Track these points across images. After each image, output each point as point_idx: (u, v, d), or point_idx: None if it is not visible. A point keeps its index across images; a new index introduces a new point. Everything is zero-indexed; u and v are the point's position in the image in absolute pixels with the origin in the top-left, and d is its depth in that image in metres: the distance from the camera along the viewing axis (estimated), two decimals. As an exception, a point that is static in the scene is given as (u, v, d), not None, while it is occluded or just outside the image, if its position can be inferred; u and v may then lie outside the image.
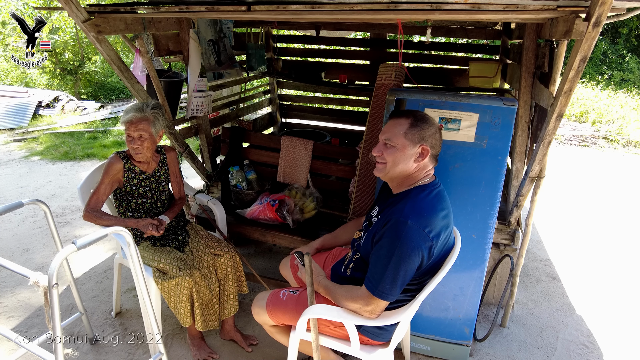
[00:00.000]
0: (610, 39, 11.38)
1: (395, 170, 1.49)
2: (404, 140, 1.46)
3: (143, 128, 1.95)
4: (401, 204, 1.46)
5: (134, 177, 2.07)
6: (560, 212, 4.11)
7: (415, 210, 1.41)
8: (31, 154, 5.57)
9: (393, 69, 2.35)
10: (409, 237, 1.37)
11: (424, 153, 1.48)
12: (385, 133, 1.51)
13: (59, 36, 9.08)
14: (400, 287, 1.43)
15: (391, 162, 1.48)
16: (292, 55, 4.11)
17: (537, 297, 2.71)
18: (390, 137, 1.48)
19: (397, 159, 1.47)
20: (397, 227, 1.39)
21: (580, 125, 7.58)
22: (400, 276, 1.39)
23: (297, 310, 1.62)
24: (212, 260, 2.12)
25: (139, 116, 1.95)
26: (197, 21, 2.72)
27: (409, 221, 1.38)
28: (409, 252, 1.38)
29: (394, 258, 1.38)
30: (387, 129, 1.52)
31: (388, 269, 1.39)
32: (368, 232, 1.56)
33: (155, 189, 2.15)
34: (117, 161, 2.02)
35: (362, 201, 2.40)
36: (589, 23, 1.39)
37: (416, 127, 1.47)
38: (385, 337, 1.60)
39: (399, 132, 1.47)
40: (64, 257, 1.30)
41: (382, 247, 1.42)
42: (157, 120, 2.00)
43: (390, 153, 1.48)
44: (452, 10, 1.54)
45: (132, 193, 2.08)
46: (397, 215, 1.41)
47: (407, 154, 1.46)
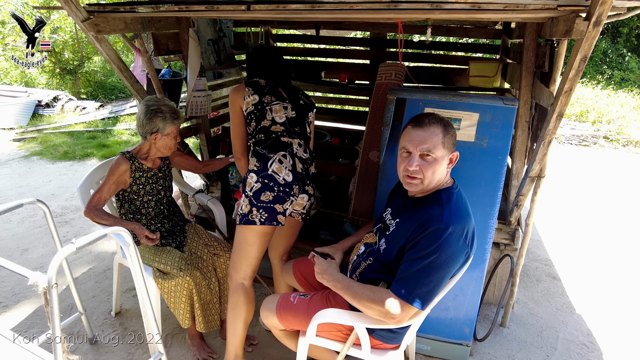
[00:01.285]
0: (610, 39, 11.38)
1: (433, 182, 1.42)
2: (443, 150, 1.39)
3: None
4: (434, 209, 1.40)
5: (142, 176, 2.06)
6: (561, 211, 4.11)
7: (454, 216, 1.37)
8: (31, 154, 5.57)
9: (393, 68, 2.35)
10: (449, 244, 1.33)
11: (454, 160, 1.46)
12: (422, 144, 1.39)
13: (58, 36, 9.07)
14: (435, 295, 1.38)
15: (430, 176, 1.40)
16: (292, 55, 4.11)
17: (537, 297, 2.71)
18: (430, 148, 1.38)
19: (436, 171, 1.40)
20: (438, 234, 1.34)
21: (580, 125, 7.58)
22: (438, 285, 1.36)
23: (309, 314, 1.58)
24: (212, 260, 2.12)
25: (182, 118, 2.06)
26: (197, 20, 2.72)
27: (451, 227, 1.34)
28: (448, 260, 1.34)
29: (432, 265, 1.33)
30: (421, 138, 1.39)
31: (425, 277, 1.34)
32: (387, 238, 1.51)
33: (162, 184, 2.16)
34: (124, 162, 2.01)
35: (362, 201, 2.39)
36: (589, 22, 1.39)
37: (449, 134, 1.41)
38: (397, 340, 1.57)
39: (437, 143, 1.38)
40: (64, 256, 1.30)
41: (420, 254, 1.35)
42: None
43: (430, 166, 1.39)
44: (452, 10, 1.54)
45: (138, 192, 2.08)
46: (436, 222, 1.35)
47: (444, 163, 1.41)
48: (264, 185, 1.77)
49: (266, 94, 1.89)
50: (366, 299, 1.39)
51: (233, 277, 1.87)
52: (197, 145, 3.30)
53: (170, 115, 1.98)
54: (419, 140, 1.40)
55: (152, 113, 1.95)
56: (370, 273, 1.54)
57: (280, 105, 1.90)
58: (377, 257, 1.55)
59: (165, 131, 1.99)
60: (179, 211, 2.30)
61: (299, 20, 3.34)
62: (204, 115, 2.88)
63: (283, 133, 1.88)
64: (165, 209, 2.18)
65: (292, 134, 1.91)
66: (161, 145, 2.02)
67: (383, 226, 1.59)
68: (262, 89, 1.90)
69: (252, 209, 1.78)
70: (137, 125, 2.01)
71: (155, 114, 1.95)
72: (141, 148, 2.07)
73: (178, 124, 2.04)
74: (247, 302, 1.84)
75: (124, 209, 2.10)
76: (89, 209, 1.93)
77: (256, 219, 1.78)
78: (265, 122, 1.87)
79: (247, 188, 1.80)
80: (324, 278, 1.53)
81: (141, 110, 1.98)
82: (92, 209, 1.93)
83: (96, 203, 1.95)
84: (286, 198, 1.81)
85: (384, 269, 1.50)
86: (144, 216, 2.11)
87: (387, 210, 1.63)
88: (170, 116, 1.98)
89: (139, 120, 1.99)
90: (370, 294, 1.40)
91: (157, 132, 1.98)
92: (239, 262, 1.85)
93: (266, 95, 1.89)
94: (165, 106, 1.99)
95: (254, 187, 1.78)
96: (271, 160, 1.80)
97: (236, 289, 1.85)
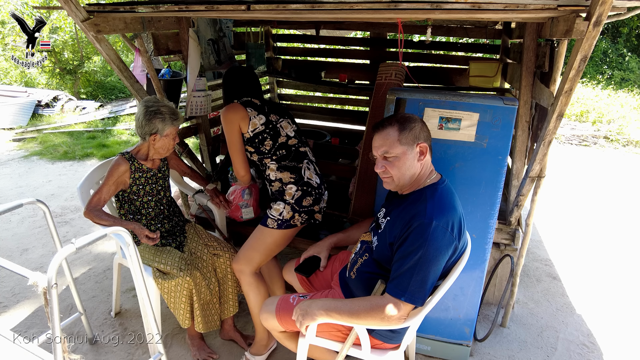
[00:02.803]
0: (610, 39, 11.38)
1: (405, 177, 1.48)
2: (401, 147, 1.45)
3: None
4: (418, 205, 1.44)
5: (142, 176, 2.06)
6: (561, 211, 4.11)
7: (437, 210, 1.39)
8: (30, 154, 5.57)
9: (393, 68, 2.35)
10: (435, 237, 1.36)
11: (423, 151, 1.48)
12: (380, 148, 1.48)
13: (58, 36, 9.07)
14: (429, 290, 1.40)
15: (398, 173, 1.46)
16: (292, 55, 4.11)
17: (537, 297, 2.70)
18: (387, 149, 1.46)
19: (402, 167, 1.46)
20: (422, 229, 1.36)
21: (580, 125, 7.57)
22: (429, 279, 1.37)
23: None
24: (212, 260, 2.12)
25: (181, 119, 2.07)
26: (197, 20, 2.71)
27: (434, 222, 1.36)
28: (436, 254, 1.36)
29: (422, 261, 1.35)
30: (378, 143, 1.48)
31: (416, 273, 1.36)
32: (379, 236, 1.55)
33: (162, 185, 2.16)
34: (123, 163, 2.01)
35: (362, 201, 2.39)
36: (589, 22, 1.39)
37: (405, 129, 1.45)
38: (397, 339, 1.58)
39: (393, 141, 1.45)
40: (63, 257, 1.30)
41: (408, 251, 1.38)
42: None
43: (394, 164, 1.46)
44: (452, 10, 1.54)
45: (138, 192, 2.07)
46: (420, 217, 1.38)
47: (409, 158, 1.45)
48: (304, 192, 2.00)
49: (269, 112, 2.05)
50: (364, 309, 1.40)
51: (246, 271, 2.01)
52: (197, 145, 3.30)
53: (169, 117, 1.98)
54: (377, 145, 1.49)
55: (151, 114, 1.95)
56: (367, 267, 1.58)
57: (285, 121, 2.10)
58: (372, 254, 1.59)
59: (165, 132, 1.98)
60: (179, 211, 2.29)
61: (299, 20, 3.34)
62: (203, 115, 2.87)
63: (298, 144, 2.10)
64: (165, 209, 2.18)
65: (303, 143, 2.14)
66: (160, 146, 2.02)
67: (375, 225, 1.63)
68: (262, 109, 2.05)
69: (294, 215, 1.99)
70: (136, 126, 2.00)
71: (155, 115, 1.95)
72: (140, 149, 2.07)
73: (177, 125, 2.03)
74: (263, 282, 2.08)
75: (123, 210, 2.10)
76: (89, 210, 1.92)
77: (297, 222, 2.00)
78: (282, 138, 2.05)
79: (288, 197, 1.99)
80: (309, 316, 1.48)
81: (140, 111, 1.97)
82: (91, 209, 1.92)
83: (96, 204, 1.95)
84: (320, 198, 2.07)
85: (379, 265, 1.54)
86: (144, 216, 2.10)
87: (382, 210, 1.66)
88: (170, 117, 1.98)
89: (137, 121, 1.98)
90: (365, 303, 1.42)
91: (156, 133, 1.97)
92: (258, 259, 2.02)
93: (270, 114, 2.05)
94: (165, 107, 1.99)
95: (295, 196, 1.99)
96: (302, 169, 2.03)
97: (252, 277, 2.02)
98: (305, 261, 1.92)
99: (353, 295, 1.63)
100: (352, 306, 1.43)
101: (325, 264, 1.90)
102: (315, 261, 1.91)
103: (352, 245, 2.03)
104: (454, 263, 1.49)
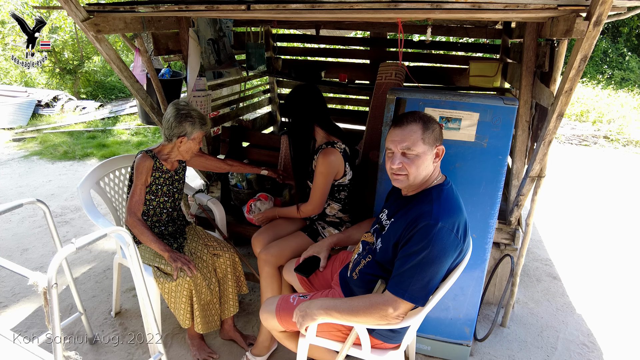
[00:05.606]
0: (610, 38, 11.38)
1: (419, 177, 1.45)
2: (424, 146, 1.42)
3: None
4: (424, 205, 1.42)
5: (161, 176, 2.06)
6: (561, 211, 4.11)
7: (443, 211, 1.39)
8: (30, 154, 5.57)
9: (393, 68, 2.35)
10: (440, 238, 1.35)
11: (439, 153, 1.47)
12: (401, 142, 1.43)
13: (58, 35, 9.07)
14: (432, 291, 1.39)
15: (415, 172, 1.43)
16: (292, 54, 4.11)
17: (537, 297, 2.70)
18: (410, 146, 1.42)
19: (420, 166, 1.43)
20: (428, 229, 1.35)
21: (580, 125, 7.58)
22: (432, 279, 1.37)
23: None
24: (212, 260, 2.12)
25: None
26: (197, 20, 2.71)
27: (440, 223, 1.35)
28: (440, 255, 1.35)
29: (425, 261, 1.35)
30: (400, 137, 1.44)
31: (418, 273, 1.35)
32: (382, 237, 1.53)
33: (177, 187, 2.16)
34: (147, 159, 2.00)
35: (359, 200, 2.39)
36: (589, 22, 1.39)
37: (429, 129, 1.44)
38: (397, 339, 1.58)
39: (416, 139, 1.42)
40: (64, 256, 1.30)
41: (411, 251, 1.37)
42: None
43: (413, 162, 1.43)
44: (452, 9, 1.54)
45: (157, 192, 2.07)
46: (426, 218, 1.37)
47: (427, 158, 1.44)
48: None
49: (346, 160, 2.12)
50: (363, 308, 1.41)
51: (272, 263, 2.08)
52: (197, 145, 3.30)
53: (199, 121, 1.99)
54: (398, 139, 1.44)
55: (183, 117, 1.95)
56: (369, 269, 1.57)
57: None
58: (374, 256, 1.57)
59: (192, 136, 1.99)
60: (182, 215, 2.30)
61: (299, 20, 3.33)
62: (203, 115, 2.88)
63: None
64: (174, 212, 2.19)
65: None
66: (185, 149, 2.02)
67: (379, 227, 1.61)
68: (346, 154, 2.13)
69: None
70: (165, 127, 1.99)
71: (185, 118, 1.95)
72: (162, 149, 2.06)
73: (205, 130, 2.04)
74: (280, 279, 2.14)
75: None
76: (133, 217, 1.92)
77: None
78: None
79: (341, 228, 2.23)
80: (309, 317, 1.48)
81: (170, 113, 1.97)
82: (134, 217, 1.92)
83: (136, 207, 1.94)
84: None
85: (382, 267, 1.52)
86: (151, 217, 2.10)
87: (384, 211, 1.65)
88: (199, 122, 1.99)
89: (167, 122, 1.97)
90: (364, 302, 1.42)
91: (184, 136, 1.97)
92: (286, 258, 2.10)
93: (346, 163, 2.12)
94: (195, 111, 2.00)
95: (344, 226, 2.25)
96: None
97: (275, 270, 2.10)
98: (305, 261, 1.92)
99: (353, 295, 1.63)
100: (351, 304, 1.44)
101: (325, 264, 1.90)
102: (315, 261, 1.91)
103: (353, 246, 2.03)
104: (457, 265, 1.48)
